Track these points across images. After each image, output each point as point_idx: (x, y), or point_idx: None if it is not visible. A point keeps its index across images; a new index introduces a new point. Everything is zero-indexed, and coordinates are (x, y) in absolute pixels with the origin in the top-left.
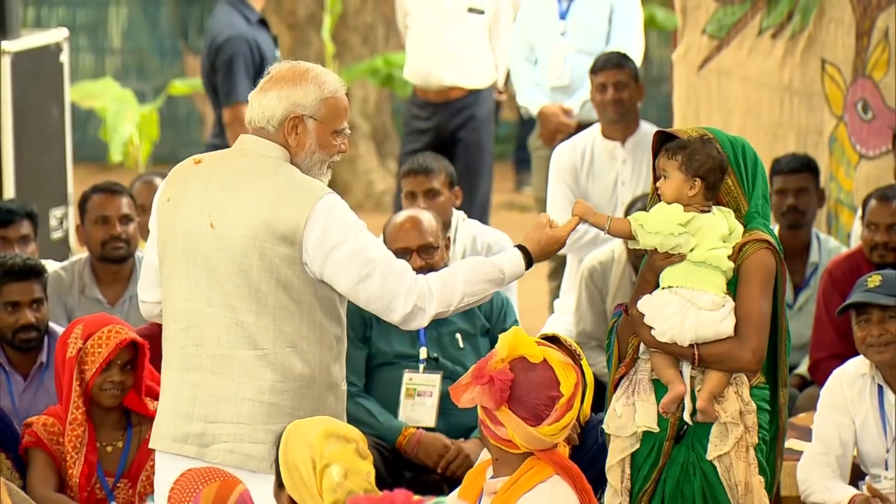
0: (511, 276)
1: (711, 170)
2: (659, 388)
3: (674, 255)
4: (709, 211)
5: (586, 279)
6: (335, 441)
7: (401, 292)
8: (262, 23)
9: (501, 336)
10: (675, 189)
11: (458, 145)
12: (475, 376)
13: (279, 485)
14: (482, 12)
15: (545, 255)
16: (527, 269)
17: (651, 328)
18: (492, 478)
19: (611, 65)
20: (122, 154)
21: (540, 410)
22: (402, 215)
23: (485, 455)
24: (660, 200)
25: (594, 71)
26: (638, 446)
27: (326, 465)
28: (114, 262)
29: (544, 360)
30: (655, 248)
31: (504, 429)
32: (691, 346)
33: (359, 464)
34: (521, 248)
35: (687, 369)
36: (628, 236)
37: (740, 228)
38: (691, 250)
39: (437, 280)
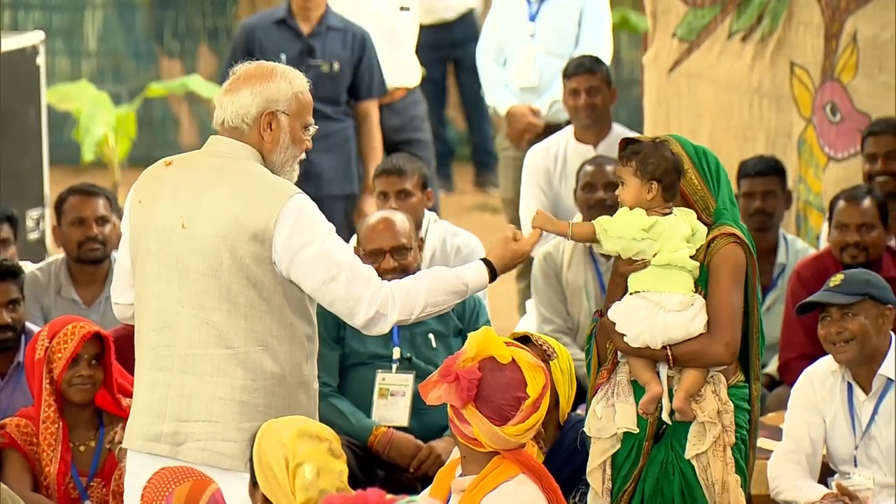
0: (474, 289)
1: (667, 171)
2: (638, 389)
3: (637, 261)
4: (670, 213)
5: (541, 262)
6: (308, 440)
7: (364, 297)
8: (283, 22)
9: (471, 335)
10: (633, 195)
11: (408, 144)
12: (442, 374)
13: (253, 483)
14: (408, 9)
15: (508, 268)
16: (490, 281)
17: (623, 335)
18: (460, 475)
19: (583, 70)
20: (95, 154)
21: (506, 410)
22: (376, 216)
23: (456, 453)
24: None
25: (567, 76)
26: (619, 447)
27: (299, 463)
28: (90, 264)
29: (513, 360)
30: (619, 255)
31: (470, 427)
32: (664, 347)
33: (331, 463)
34: (485, 261)
35: (664, 369)
36: (592, 240)
37: (703, 229)
38: (654, 255)
39: (400, 288)
